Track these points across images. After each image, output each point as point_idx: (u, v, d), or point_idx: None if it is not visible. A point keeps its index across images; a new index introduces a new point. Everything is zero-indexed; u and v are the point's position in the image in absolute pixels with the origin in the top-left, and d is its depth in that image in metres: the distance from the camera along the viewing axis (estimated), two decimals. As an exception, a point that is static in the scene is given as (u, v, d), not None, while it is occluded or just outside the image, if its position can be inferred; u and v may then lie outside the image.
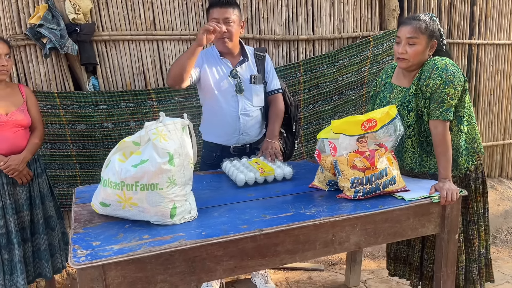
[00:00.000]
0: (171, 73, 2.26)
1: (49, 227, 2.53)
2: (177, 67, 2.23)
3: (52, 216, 2.53)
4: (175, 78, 2.24)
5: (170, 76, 2.26)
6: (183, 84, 2.28)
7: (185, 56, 2.21)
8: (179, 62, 2.23)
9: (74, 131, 2.96)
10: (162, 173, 1.64)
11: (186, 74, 2.24)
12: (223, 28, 2.20)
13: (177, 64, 2.24)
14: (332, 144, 1.94)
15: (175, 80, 2.25)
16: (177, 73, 2.23)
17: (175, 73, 2.24)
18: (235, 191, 2.09)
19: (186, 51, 2.24)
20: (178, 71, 2.22)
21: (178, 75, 2.23)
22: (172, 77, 2.25)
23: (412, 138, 2.12)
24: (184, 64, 2.20)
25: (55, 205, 2.59)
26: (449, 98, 1.97)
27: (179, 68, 2.22)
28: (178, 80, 2.25)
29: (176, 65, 2.24)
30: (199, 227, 1.68)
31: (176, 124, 1.74)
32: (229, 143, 2.48)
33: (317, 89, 3.41)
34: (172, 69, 2.26)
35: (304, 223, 1.71)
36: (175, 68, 2.24)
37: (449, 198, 1.89)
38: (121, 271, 1.47)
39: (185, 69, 2.21)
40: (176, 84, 2.27)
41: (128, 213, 1.69)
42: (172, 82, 2.27)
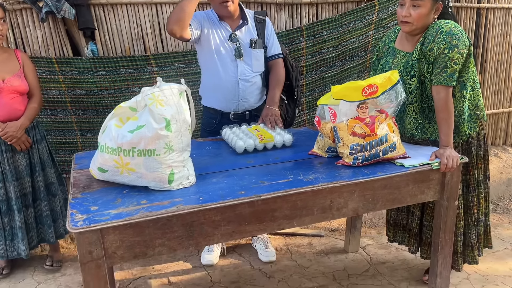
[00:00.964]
0: (171, 17, 2.16)
1: (50, 194, 2.56)
2: (177, 10, 2.14)
3: (53, 183, 2.55)
4: (175, 21, 2.14)
5: (170, 20, 2.16)
6: (184, 32, 2.19)
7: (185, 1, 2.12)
8: (180, 5, 2.14)
9: (74, 97, 2.94)
10: (159, 139, 1.62)
11: (188, 18, 2.15)
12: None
13: (178, 7, 2.15)
14: (332, 110, 1.91)
15: (175, 24, 2.14)
16: (178, 17, 2.13)
17: (175, 17, 2.14)
18: (234, 158, 2.08)
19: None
20: (179, 14, 2.13)
21: (178, 19, 2.13)
22: (173, 20, 2.15)
23: (414, 104, 2.08)
24: (185, 6, 2.12)
25: (56, 172, 2.60)
26: (453, 63, 1.92)
27: (180, 11, 2.13)
28: (179, 25, 2.15)
29: (177, 9, 2.15)
30: (197, 193, 1.68)
31: (173, 89, 1.71)
32: (229, 110, 2.45)
33: (320, 55, 3.34)
34: (173, 13, 2.17)
35: (302, 189, 1.71)
36: (175, 12, 2.15)
37: (450, 165, 1.87)
38: (119, 235, 1.49)
39: (186, 12, 2.13)
40: (177, 28, 2.16)
41: (126, 178, 1.69)
42: (172, 27, 2.16)
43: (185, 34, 2.21)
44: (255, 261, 2.74)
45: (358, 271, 2.63)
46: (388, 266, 2.68)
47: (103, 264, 1.48)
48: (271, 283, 2.52)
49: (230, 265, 2.70)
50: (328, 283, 2.51)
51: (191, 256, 2.79)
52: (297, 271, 2.63)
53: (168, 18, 2.22)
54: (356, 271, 2.63)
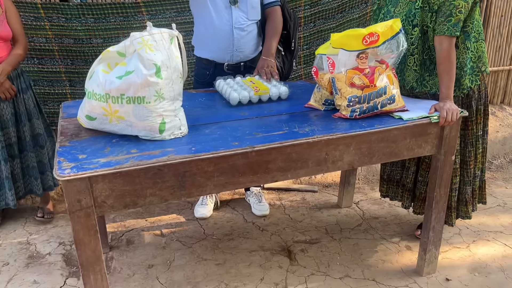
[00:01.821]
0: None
1: (37, 145, 2.49)
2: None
3: (41, 134, 2.48)
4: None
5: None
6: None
7: None
8: None
9: (62, 45, 2.82)
10: (149, 85, 1.55)
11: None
12: None
13: None
14: (330, 60, 1.83)
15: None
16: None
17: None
18: (228, 110, 2.02)
19: None
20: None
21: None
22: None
23: (415, 55, 2.00)
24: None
25: (44, 123, 2.53)
26: (457, 11, 1.83)
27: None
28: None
29: None
30: (189, 143, 1.63)
31: (164, 34, 1.62)
32: (223, 60, 2.36)
33: (319, 5, 3.20)
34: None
35: (297, 141, 1.66)
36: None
37: (449, 118, 1.82)
38: (109, 184, 1.45)
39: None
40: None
41: (115, 127, 1.63)
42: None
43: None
44: (249, 215, 2.74)
45: (351, 226, 2.64)
46: (381, 221, 2.69)
47: (92, 213, 1.45)
48: (264, 235, 2.53)
49: (223, 218, 2.70)
50: (320, 236, 2.53)
51: (184, 209, 2.79)
52: (290, 224, 2.64)
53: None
54: (348, 226, 2.64)
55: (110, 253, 2.36)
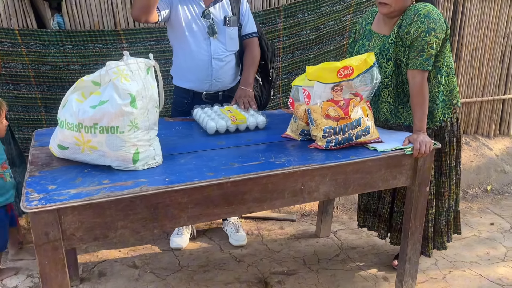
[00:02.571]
0: (136, 3, 2.05)
1: (9, 171, 2.43)
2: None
3: (13, 160, 2.42)
4: (141, 8, 2.03)
5: (136, 5, 2.05)
6: (150, 17, 2.08)
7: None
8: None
9: (38, 72, 2.79)
10: (123, 115, 1.54)
11: (154, 4, 2.03)
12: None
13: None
14: (306, 92, 1.85)
15: (140, 10, 2.04)
16: (144, 3, 2.01)
17: (141, 3, 2.02)
18: (205, 139, 2.01)
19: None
20: (145, 1, 2.01)
21: (144, 4, 2.01)
22: (138, 7, 2.03)
23: (389, 88, 2.05)
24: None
25: (17, 150, 2.47)
26: (429, 47, 1.89)
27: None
28: (144, 11, 2.04)
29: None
30: (163, 174, 1.61)
31: (140, 64, 1.62)
32: (201, 89, 2.37)
33: (297, 37, 3.27)
34: None
35: (273, 171, 1.66)
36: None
37: (423, 150, 1.85)
38: (78, 216, 1.41)
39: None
40: (142, 15, 2.06)
41: (88, 157, 1.60)
42: (137, 13, 2.06)
43: (151, 19, 2.10)
44: (226, 245, 2.69)
45: (329, 256, 2.62)
46: (359, 251, 2.68)
47: (60, 246, 1.40)
48: (240, 267, 2.48)
49: (199, 249, 2.65)
50: (298, 267, 2.49)
51: (159, 240, 2.73)
52: (268, 255, 2.61)
53: (134, 2, 2.10)
54: (326, 256, 2.62)
55: (80, 285, 2.27)
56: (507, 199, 3.59)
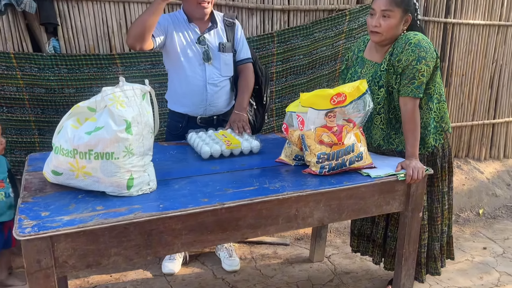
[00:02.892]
0: (131, 31, 2.10)
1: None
2: (138, 25, 2.07)
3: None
4: (136, 37, 2.07)
5: (131, 35, 2.09)
6: (144, 45, 2.12)
7: (147, 14, 2.06)
8: (141, 20, 2.07)
9: (33, 95, 2.79)
10: (118, 141, 1.54)
11: (148, 33, 2.09)
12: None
13: (139, 22, 2.08)
14: (300, 118, 1.88)
15: (136, 40, 2.08)
16: (139, 32, 2.06)
17: (136, 32, 2.07)
18: (199, 164, 2.01)
19: (148, 8, 2.09)
20: (139, 30, 2.06)
21: (139, 34, 2.06)
22: (133, 36, 2.08)
23: (381, 114, 2.08)
24: (146, 22, 2.05)
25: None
26: (420, 75, 1.93)
27: (140, 26, 2.06)
28: (140, 40, 2.08)
29: (138, 23, 2.08)
30: (157, 200, 1.60)
31: (136, 90, 1.63)
32: (196, 114, 2.38)
33: (290, 62, 3.33)
34: (133, 28, 2.10)
35: (268, 197, 1.66)
36: (136, 27, 2.08)
37: (415, 176, 1.87)
38: (71, 243, 1.39)
39: (147, 28, 2.06)
40: (137, 43, 2.10)
41: (82, 182, 1.59)
42: (132, 42, 2.10)
43: (146, 46, 2.14)
44: (218, 270, 2.67)
45: (322, 281, 2.60)
46: (352, 276, 2.66)
47: (52, 274, 1.38)
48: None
49: (192, 274, 2.62)
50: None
51: (151, 264, 2.69)
52: (261, 280, 2.58)
53: (129, 30, 2.14)
54: (320, 281, 2.60)
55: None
56: (499, 222, 3.61)
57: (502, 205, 3.88)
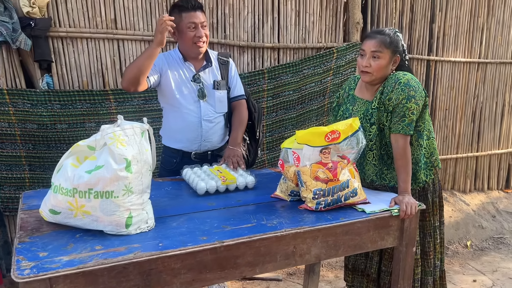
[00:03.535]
0: (126, 76, 2.15)
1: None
2: (133, 69, 2.13)
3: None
4: (131, 80, 2.13)
5: (126, 78, 2.15)
6: (139, 88, 2.18)
7: (143, 58, 2.12)
8: (136, 64, 2.13)
9: (25, 130, 2.79)
10: (118, 180, 1.55)
11: (143, 76, 2.15)
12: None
13: (134, 66, 2.14)
14: (295, 154, 1.92)
15: (131, 83, 2.14)
16: (134, 76, 2.12)
17: (131, 76, 2.13)
18: (195, 200, 2.02)
19: (144, 52, 2.16)
20: (134, 73, 2.12)
21: (134, 77, 2.12)
22: (128, 79, 2.14)
23: (373, 151, 2.13)
24: (141, 66, 2.11)
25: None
26: (410, 113, 2.00)
27: (136, 70, 2.12)
28: (134, 83, 2.14)
29: (133, 67, 2.14)
30: (156, 238, 1.60)
31: (135, 128, 1.65)
32: (190, 149, 2.41)
33: (280, 97, 3.41)
34: (128, 71, 2.15)
35: (266, 234, 1.67)
36: (131, 70, 2.14)
37: (409, 211, 1.91)
38: (70, 284, 1.37)
39: (142, 72, 2.12)
40: (132, 87, 2.16)
41: (80, 221, 1.58)
42: (127, 85, 2.16)
43: (140, 88, 2.19)
44: (211, 307, 2.63)
45: (317, 317, 2.58)
46: (346, 312, 2.65)
47: (49, 317, 1.35)
48: (227, 331, 2.41)
49: (184, 312, 2.56)
50: (286, 330, 2.44)
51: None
52: (255, 318, 2.55)
53: (124, 74, 2.19)
54: (314, 318, 2.58)
55: None
56: (487, 254, 3.66)
57: (488, 237, 3.95)
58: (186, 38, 2.28)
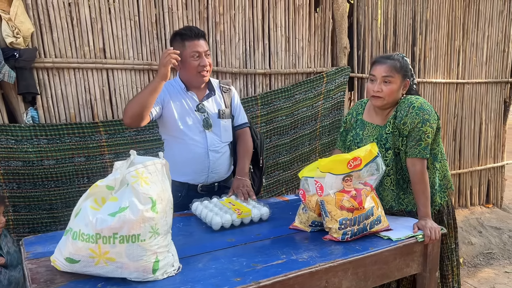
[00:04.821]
0: (129, 112, 2.04)
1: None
2: (136, 105, 2.02)
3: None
4: (134, 117, 2.04)
5: (128, 115, 2.04)
6: (142, 123, 2.09)
7: (146, 93, 2.02)
8: (139, 99, 2.03)
9: (8, 169, 2.58)
10: (145, 221, 1.43)
11: (147, 112, 2.06)
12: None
13: (136, 101, 2.03)
14: (318, 183, 1.86)
15: (134, 120, 2.05)
16: (137, 112, 2.02)
17: (134, 112, 2.03)
18: (211, 236, 1.91)
19: (146, 87, 2.05)
20: (137, 109, 2.02)
21: (137, 114, 2.03)
22: (131, 116, 2.04)
23: (391, 176, 2.11)
24: (145, 101, 2.01)
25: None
26: (426, 137, 2.00)
27: (138, 106, 2.02)
28: (138, 120, 2.05)
29: (135, 103, 2.03)
30: (186, 283, 1.48)
31: (157, 165, 1.55)
32: (197, 182, 2.30)
33: (274, 123, 3.36)
34: (130, 107, 2.04)
35: (300, 271, 1.59)
36: (134, 106, 2.03)
37: (433, 236, 1.88)
38: None
39: (145, 107, 2.03)
40: (135, 123, 2.08)
41: (102, 270, 1.44)
42: (130, 122, 2.07)
43: (143, 124, 2.11)
44: None
45: None
46: None
47: None
48: None
49: None
50: None
51: None
52: None
53: (125, 110, 2.08)
54: None
55: None
56: (481, 271, 3.70)
57: (478, 252, 4.01)
58: (190, 68, 2.20)
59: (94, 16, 2.75)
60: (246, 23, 3.21)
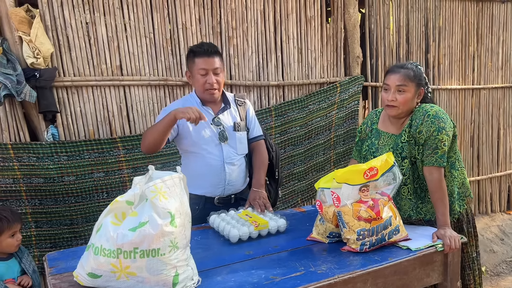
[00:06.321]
0: (146, 142, 2.17)
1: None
2: (152, 135, 2.13)
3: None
4: (151, 146, 2.17)
5: (146, 144, 2.17)
6: (160, 148, 2.21)
7: (162, 125, 2.09)
8: (156, 130, 2.12)
9: (30, 186, 2.64)
10: (164, 236, 1.45)
11: (164, 140, 2.16)
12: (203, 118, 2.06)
13: (153, 132, 2.13)
14: (335, 194, 1.86)
15: (151, 148, 2.18)
16: (153, 142, 2.14)
17: (151, 141, 2.15)
18: (229, 249, 1.92)
19: (163, 120, 2.10)
20: (154, 138, 2.13)
21: (154, 143, 2.15)
22: (148, 145, 2.16)
23: (408, 185, 2.10)
24: (161, 132, 2.11)
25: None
26: (442, 145, 1.99)
27: (156, 136, 2.12)
28: (154, 148, 2.18)
29: (152, 133, 2.13)
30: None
31: (175, 179, 1.57)
32: (214, 194, 2.32)
33: (288, 133, 3.38)
34: (147, 137, 2.15)
35: (319, 283, 1.59)
36: (151, 136, 2.14)
37: (453, 245, 1.86)
38: None
39: (162, 137, 2.13)
40: (152, 151, 2.22)
41: (124, 284, 1.47)
42: (147, 150, 2.20)
43: (159, 149, 2.23)
44: None
45: None
46: None
47: None
48: None
49: None
50: None
51: None
52: None
53: (143, 140, 2.19)
54: None
55: None
56: (504, 279, 3.62)
57: (501, 260, 3.93)
58: (198, 84, 2.26)
59: (110, 35, 2.82)
60: (259, 36, 3.26)
